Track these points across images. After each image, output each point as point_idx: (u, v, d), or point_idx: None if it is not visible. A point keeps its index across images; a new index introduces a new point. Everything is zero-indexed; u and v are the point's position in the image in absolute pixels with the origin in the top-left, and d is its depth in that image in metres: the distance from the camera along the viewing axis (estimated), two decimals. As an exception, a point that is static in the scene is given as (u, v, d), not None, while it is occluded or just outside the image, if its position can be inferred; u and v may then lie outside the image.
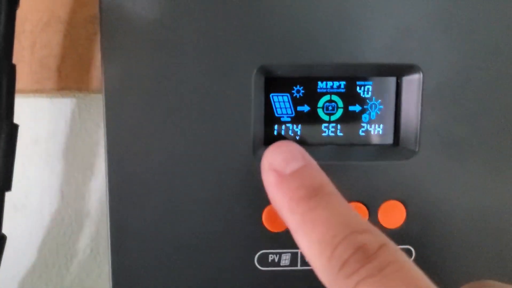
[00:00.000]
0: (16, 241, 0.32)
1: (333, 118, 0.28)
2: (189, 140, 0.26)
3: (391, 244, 0.20)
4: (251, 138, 0.26)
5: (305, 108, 0.28)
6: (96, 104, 0.32)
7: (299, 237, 0.22)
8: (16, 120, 0.25)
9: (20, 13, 0.28)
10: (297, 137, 0.28)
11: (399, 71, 0.27)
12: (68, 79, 0.30)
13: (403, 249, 0.27)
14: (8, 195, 0.25)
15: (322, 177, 0.23)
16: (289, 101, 0.27)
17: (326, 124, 0.28)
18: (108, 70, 0.25)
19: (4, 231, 0.26)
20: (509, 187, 0.27)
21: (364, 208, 0.27)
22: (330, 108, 0.28)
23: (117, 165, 0.26)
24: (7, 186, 0.25)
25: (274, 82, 0.27)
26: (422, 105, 0.26)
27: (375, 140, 0.28)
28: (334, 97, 0.28)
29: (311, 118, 0.28)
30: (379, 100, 0.28)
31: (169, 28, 0.25)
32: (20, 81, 0.29)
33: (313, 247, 0.21)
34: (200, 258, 0.27)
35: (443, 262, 0.28)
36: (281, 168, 0.23)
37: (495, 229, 0.28)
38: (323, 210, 0.21)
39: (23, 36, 0.29)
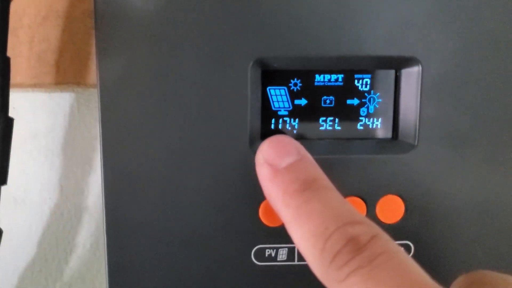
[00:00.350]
0: (15, 236, 0.33)
1: (331, 111, 0.27)
2: (185, 134, 0.26)
3: (384, 235, 0.20)
4: (247, 132, 0.26)
5: (303, 101, 0.27)
6: (95, 99, 0.31)
7: (293, 229, 0.22)
8: (14, 115, 0.25)
9: (18, 8, 0.28)
10: (295, 131, 0.27)
11: (398, 63, 0.27)
12: (66, 73, 0.30)
13: (402, 244, 0.27)
14: (7, 190, 0.25)
15: (316, 171, 0.23)
16: (286, 95, 0.27)
17: (323, 118, 0.27)
18: (103, 65, 0.25)
19: (3, 226, 0.26)
20: (509, 181, 0.27)
21: (362, 202, 0.27)
22: (328, 101, 0.27)
23: (113, 160, 0.26)
24: (3, 180, 0.25)
25: (271, 75, 0.27)
26: (421, 98, 0.26)
27: (373, 134, 0.28)
28: (332, 91, 0.27)
29: (309, 112, 0.27)
30: (378, 94, 0.27)
31: (164, 22, 0.25)
32: (19, 75, 0.29)
33: (306, 240, 0.21)
34: (197, 253, 0.27)
35: (442, 257, 0.28)
36: (276, 162, 0.23)
37: (494, 223, 0.27)
38: (317, 203, 0.21)
39: (21, 31, 0.29)
